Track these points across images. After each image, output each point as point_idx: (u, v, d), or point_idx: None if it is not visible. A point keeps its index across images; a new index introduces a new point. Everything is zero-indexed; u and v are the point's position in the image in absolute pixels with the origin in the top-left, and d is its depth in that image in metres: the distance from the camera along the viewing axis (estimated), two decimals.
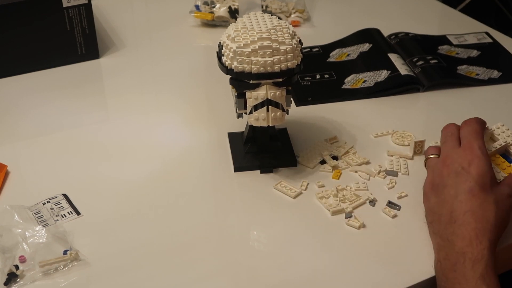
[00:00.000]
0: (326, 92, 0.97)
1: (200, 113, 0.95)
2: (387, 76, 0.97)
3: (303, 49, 0.81)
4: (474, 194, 0.64)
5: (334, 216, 0.73)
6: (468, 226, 0.62)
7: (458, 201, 0.64)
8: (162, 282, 0.66)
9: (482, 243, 0.60)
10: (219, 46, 0.76)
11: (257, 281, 0.66)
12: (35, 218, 0.72)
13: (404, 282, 0.65)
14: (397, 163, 0.81)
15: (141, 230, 0.72)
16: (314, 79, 0.99)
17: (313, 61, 1.04)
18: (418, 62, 1.00)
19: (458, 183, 0.65)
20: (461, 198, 0.64)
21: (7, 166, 0.81)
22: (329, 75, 1.01)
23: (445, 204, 0.65)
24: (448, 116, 0.91)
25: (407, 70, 0.98)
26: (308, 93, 0.96)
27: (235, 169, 0.81)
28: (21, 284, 0.65)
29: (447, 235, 0.63)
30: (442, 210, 0.65)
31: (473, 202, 0.63)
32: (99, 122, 0.94)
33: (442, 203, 0.65)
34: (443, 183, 0.67)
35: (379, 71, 0.98)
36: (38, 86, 1.01)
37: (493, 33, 1.13)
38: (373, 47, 1.06)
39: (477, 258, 0.60)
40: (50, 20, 1.02)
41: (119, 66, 1.07)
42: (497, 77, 0.99)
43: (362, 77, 0.99)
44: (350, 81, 0.98)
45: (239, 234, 0.72)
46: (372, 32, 1.11)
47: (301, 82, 0.98)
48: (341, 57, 1.05)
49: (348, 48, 1.07)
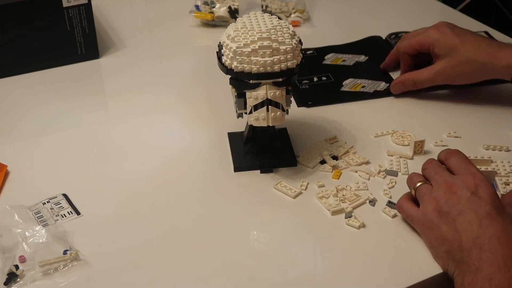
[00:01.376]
0: (326, 95, 0.96)
1: (200, 113, 0.95)
2: (386, 88, 0.97)
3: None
4: (493, 218, 0.63)
5: (334, 216, 0.73)
6: (496, 252, 0.61)
7: (480, 226, 0.63)
8: (162, 282, 0.66)
9: (510, 270, 0.60)
10: (219, 46, 0.76)
11: (257, 281, 0.66)
12: (35, 218, 0.72)
13: (404, 282, 0.65)
14: (397, 163, 0.81)
15: (141, 230, 0.72)
16: (312, 82, 0.99)
17: (308, 64, 1.03)
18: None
19: (473, 208, 0.64)
20: (483, 223, 0.63)
21: (7, 166, 0.81)
22: (326, 77, 1.00)
23: (464, 231, 0.64)
24: (448, 116, 0.91)
25: None
26: (308, 97, 0.95)
27: (235, 169, 0.81)
28: (21, 284, 0.65)
29: (473, 261, 0.61)
30: (461, 238, 0.63)
31: (495, 227, 0.62)
32: (99, 122, 0.94)
33: (460, 230, 0.64)
34: (456, 210, 0.65)
35: (378, 82, 0.98)
36: (38, 86, 1.01)
37: (493, 33, 1.13)
38: (369, 59, 1.05)
39: (504, 285, 0.59)
40: (50, 20, 1.02)
41: (119, 66, 1.07)
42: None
43: (361, 82, 0.98)
44: (349, 84, 0.98)
45: (239, 234, 0.72)
46: (371, 41, 1.10)
47: (299, 86, 0.98)
48: (336, 61, 1.05)
49: (343, 55, 1.06)
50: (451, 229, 0.65)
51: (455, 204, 0.65)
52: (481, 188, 0.66)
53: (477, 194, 0.65)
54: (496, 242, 0.61)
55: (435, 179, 0.69)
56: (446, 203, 0.66)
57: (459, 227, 0.64)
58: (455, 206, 0.65)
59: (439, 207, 0.66)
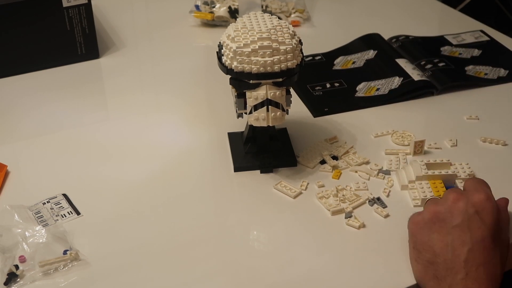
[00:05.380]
0: (341, 101, 0.94)
1: (200, 113, 0.95)
2: (400, 83, 0.95)
3: (305, 57, 0.80)
4: (486, 246, 0.61)
5: (334, 216, 0.73)
6: (481, 281, 0.60)
7: (471, 251, 0.61)
8: (162, 282, 0.66)
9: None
10: (219, 46, 0.76)
11: (257, 281, 0.66)
12: (35, 218, 0.72)
13: (404, 282, 0.65)
14: (396, 162, 0.81)
15: (141, 230, 0.72)
16: (325, 88, 0.97)
17: (319, 70, 1.02)
18: (426, 66, 1.00)
19: (470, 228, 0.62)
20: (474, 248, 0.61)
21: (7, 166, 0.81)
22: (338, 83, 0.98)
23: (454, 250, 0.62)
24: (448, 116, 0.91)
25: (419, 75, 0.96)
26: (323, 104, 0.93)
27: (235, 169, 0.81)
28: (21, 284, 0.65)
29: (458, 286, 0.60)
30: (448, 255, 0.62)
31: (485, 257, 0.61)
32: (99, 122, 0.94)
33: (450, 247, 0.62)
34: (452, 221, 0.63)
35: (391, 78, 0.97)
36: (38, 86, 1.01)
37: (493, 33, 1.13)
38: (378, 54, 1.04)
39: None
40: (50, 20, 1.02)
41: (119, 66, 1.07)
42: (505, 75, 0.99)
43: (374, 85, 0.96)
44: (363, 89, 0.96)
45: (239, 234, 0.72)
46: (374, 37, 1.10)
47: (313, 93, 0.96)
48: (346, 64, 1.03)
49: (352, 55, 1.05)
50: (442, 240, 0.62)
51: (454, 215, 0.63)
52: (486, 210, 0.63)
53: (480, 216, 0.62)
54: (482, 272, 0.60)
55: (448, 192, 0.67)
56: (446, 211, 0.64)
57: (452, 243, 0.62)
58: (454, 217, 0.63)
59: (438, 211, 0.64)
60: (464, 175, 0.76)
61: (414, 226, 0.66)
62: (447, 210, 0.64)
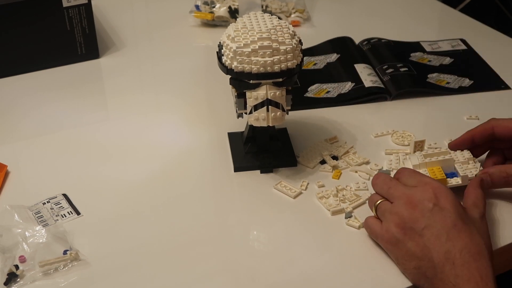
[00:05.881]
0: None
1: (200, 113, 0.95)
2: (351, 88, 0.95)
3: None
4: (460, 229, 0.62)
5: (334, 216, 0.73)
6: (470, 266, 0.60)
7: (448, 240, 0.61)
8: (162, 282, 0.66)
9: (488, 284, 0.59)
10: (219, 46, 0.76)
11: (257, 281, 0.66)
12: (35, 218, 0.72)
13: (404, 282, 0.65)
14: (396, 162, 0.81)
15: (141, 230, 0.72)
16: None
17: None
18: (387, 70, 0.99)
19: (438, 221, 0.63)
20: (450, 236, 0.61)
21: (7, 166, 0.81)
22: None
23: (433, 246, 0.62)
24: (448, 116, 0.91)
25: (372, 82, 0.96)
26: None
27: (235, 169, 0.81)
28: (21, 284, 0.65)
29: (449, 278, 0.60)
30: (431, 253, 0.62)
31: (464, 239, 0.61)
32: (99, 122, 0.94)
33: (428, 246, 0.62)
34: (421, 225, 0.63)
35: (344, 83, 0.97)
36: (38, 86, 1.01)
37: (493, 33, 1.13)
38: (340, 58, 1.04)
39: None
40: (50, 20, 1.02)
41: (119, 66, 1.07)
42: (467, 85, 0.97)
43: (326, 87, 0.97)
44: (314, 90, 0.97)
45: (239, 234, 0.72)
46: (344, 41, 1.09)
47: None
48: (308, 65, 1.03)
49: (315, 57, 1.05)
50: (418, 244, 0.63)
51: (418, 219, 0.63)
52: (441, 197, 0.64)
53: (439, 205, 0.63)
54: (467, 255, 0.60)
55: (390, 193, 0.67)
56: (409, 218, 0.64)
57: (427, 243, 0.62)
58: (419, 220, 0.63)
59: (402, 223, 0.64)
60: (463, 159, 0.75)
61: (388, 245, 0.66)
62: (409, 218, 0.64)
